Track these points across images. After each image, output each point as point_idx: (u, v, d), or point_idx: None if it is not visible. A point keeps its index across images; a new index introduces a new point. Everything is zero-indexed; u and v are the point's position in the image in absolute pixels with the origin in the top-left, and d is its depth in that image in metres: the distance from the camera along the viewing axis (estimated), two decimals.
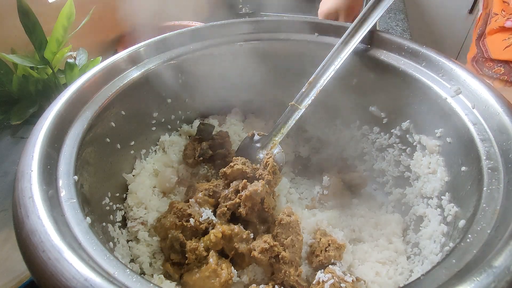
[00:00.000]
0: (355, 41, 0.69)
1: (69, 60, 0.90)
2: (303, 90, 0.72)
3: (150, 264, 0.63)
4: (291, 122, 0.72)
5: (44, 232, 0.38)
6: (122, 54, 0.69)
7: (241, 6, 1.73)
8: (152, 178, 0.73)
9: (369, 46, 0.72)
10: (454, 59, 0.63)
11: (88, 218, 0.44)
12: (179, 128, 0.82)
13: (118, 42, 1.24)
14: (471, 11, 1.63)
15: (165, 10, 1.31)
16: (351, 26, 0.70)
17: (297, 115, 0.72)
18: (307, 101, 0.71)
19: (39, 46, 0.82)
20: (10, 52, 0.85)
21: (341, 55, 0.70)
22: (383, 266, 0.62)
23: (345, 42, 0.70)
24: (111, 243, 0.55)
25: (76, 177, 0.49)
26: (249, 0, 1.73)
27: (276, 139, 0.74)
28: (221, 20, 0.82)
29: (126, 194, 0.68)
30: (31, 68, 0.83)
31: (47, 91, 0.85)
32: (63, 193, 0.46)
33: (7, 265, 0.39)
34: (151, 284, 0.37)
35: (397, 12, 1.58)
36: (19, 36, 0.80)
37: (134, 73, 0.68)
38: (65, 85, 0.60)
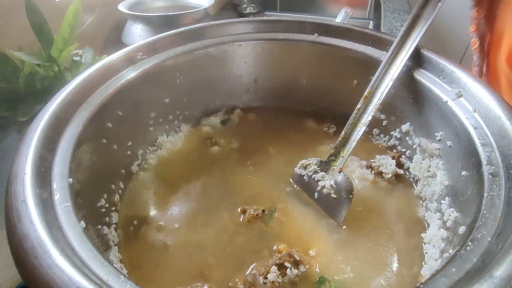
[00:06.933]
0: (412, 42, 0.64)
1: (75, 58, 0.92)
2: (359, 106, 0.66)
3: None
4: (351, 144, 0.65)
5: (36, 237, 0.37)
6: (119, 53, 0.68)
7: (245, 5, 1.72)
8: None
9: (369, 46, 0.71)
10: (455, 62, 0.62)
11: (82, 222, 0.43)
12: (177, 129, 0.81)
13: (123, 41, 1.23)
14: None
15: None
16: (405, 24, 0.65)
17: (357, 135, 0.65)
18: (367, 117, 0.65)
19: (46, 44, 0.83)
20: (18, 50, 0.86)
21: (397, 62, 0.64)
22: None
23: (399, 46, 0.65)
24: (106, 246, 0.55)
25: (70, 180, 0.48)
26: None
27: (337, 164, 0.65)
28: (226, 19, 0.81)
29: None
30: (38, 65, 0.84)
31: (53, 88, 0.86)
32: (57, 196, 0.45)
33: (12, 261, 0.38)
34: None
35: (402, 12, 1.57)
36: (27, 34, 0.81)
37: (131, 73, 0.67)
38: None
